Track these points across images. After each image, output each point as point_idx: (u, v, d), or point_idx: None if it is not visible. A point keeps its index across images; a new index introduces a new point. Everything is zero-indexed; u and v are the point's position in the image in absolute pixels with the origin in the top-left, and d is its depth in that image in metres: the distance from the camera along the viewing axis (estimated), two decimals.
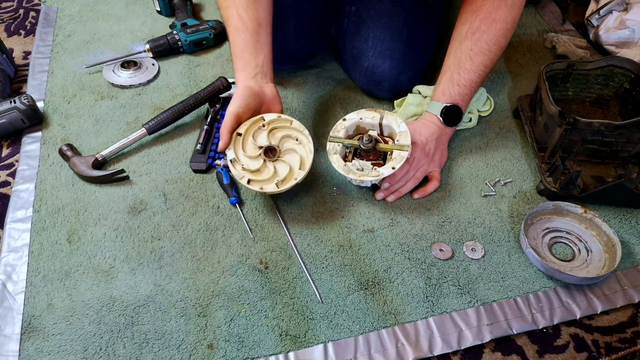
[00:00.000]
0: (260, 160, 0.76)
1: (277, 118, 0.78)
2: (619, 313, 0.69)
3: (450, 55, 0.83)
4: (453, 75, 0.81)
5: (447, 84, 0.81)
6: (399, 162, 0.74)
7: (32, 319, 0.67)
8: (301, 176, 0.74)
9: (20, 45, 1.17)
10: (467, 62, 0.80)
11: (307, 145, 0.77)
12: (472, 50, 0.80)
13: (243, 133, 0.77)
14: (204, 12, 1.26)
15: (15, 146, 0.92)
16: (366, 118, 0.79)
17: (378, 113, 0.78)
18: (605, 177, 0.81)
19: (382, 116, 0.78)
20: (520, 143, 0.92)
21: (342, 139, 0.78)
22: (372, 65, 0.92)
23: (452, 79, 0.81)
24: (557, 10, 1.24)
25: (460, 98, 0.82)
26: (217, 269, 0.72)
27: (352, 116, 0.80)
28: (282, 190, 0.74)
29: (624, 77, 0.89)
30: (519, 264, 0.73)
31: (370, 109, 0.80)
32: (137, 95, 1.01)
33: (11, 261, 0.73)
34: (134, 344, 0.64)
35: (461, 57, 0.80)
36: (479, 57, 0.80)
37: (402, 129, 0.76)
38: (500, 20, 0.78)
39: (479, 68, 0.80)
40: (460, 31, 0.81)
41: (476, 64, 0.80)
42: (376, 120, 0.78)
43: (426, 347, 0.65)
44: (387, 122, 0.78)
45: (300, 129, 0.78)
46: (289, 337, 0.65)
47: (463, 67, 0.80)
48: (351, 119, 0.79)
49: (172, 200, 0.82)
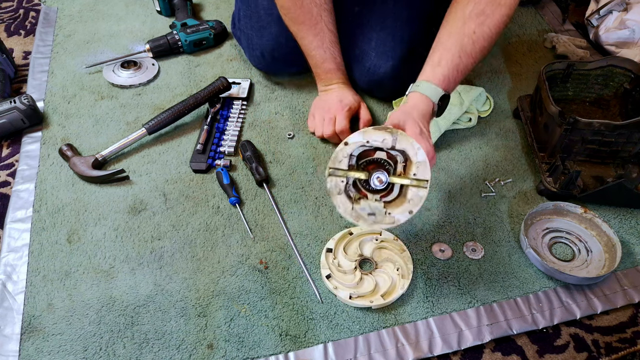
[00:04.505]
0: (356, 274, 0.71)
1: (363, 231, 0.76)
2: (619, 313, 0.69)
3: (452, 36, 0.73)
4: (455, 59, 0.72)
5: (450, 68, 0.71)
6: (417, 205, 0.61)
7: (32, 319, 0.67)
8: (406, 285, 0.69)
9: (20, 45, 1.17)
10: (469, 46, 0.72)
11: (406, 252, 0.73)
12: (475, 33, 0.72)
13: (333, 248, 0.74)
14: (204, 12, 1.26)
15: (15, 146, 0.92)
16: (374, 141, 0.62)
17: (390, 134, 0.62)
18: (605, 177, 0.81)
19: (395, 138, 0.62)
20: (520, 143, 0.92)
21: (345, 171, 0.63)
22: (374, 66, 0.92)
23: (455, 64, 0.72)
24: (557, 10, 1.24)
25: (454, 86, 0.74)
26: (217, 269, 0.72)
27: (357, 138, 0.63)
28: (388, 302, 0.68)
29: (623, 77, 0.89)
30: (519, 264, 0.73)
31: (380, 128, 0.62)
32: (137, 95, 1.01)
33: (11, 261, 0.73)
34: (134, 344, 0.64)
35: (464, 40, 0.72)
36: (481, 42, 0.73)
37: (420, 158, 0.61)
38: (505, 5, 0.73)
39: (478, 55, 0.74)
40: (463, 11, 0.73)
41: (477, 49, 0.73)
42: (387, 144, 0.62)
43: (426, 347, 0.65)
44: (401, 147, 0.62)
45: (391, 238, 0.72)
46: (289, 337, 0.65)
47: (465, 52, 0.72)
48: (355, 142, 0.63)
49: (172, 200, 0.82)
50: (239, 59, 1.10)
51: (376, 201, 0.63)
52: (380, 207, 0.62)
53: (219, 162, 0.87)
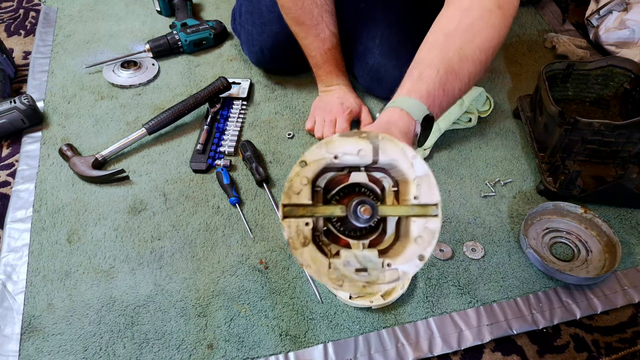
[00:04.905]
0: None
1: None
2: (619, 313, 0.69)
3: (434, 49, 0.59)
4: (440, 74, 0.56)
5: (434, 85, 0.56)
6: (429, 244, 0.43)
7: (32, 319, 0.67)
8: (406, 285, 0.68)
9: (20, 45, 1.17)
10: (456, 63, 0.58)
11: None
12: (461, 50, 0.58)
13: None
14: (204, 12, 1.26)
15: (15, 146, 0.92)
16: (346, 155, 0.42)
17: (366, 141, 0.42)
18: (605, 177, 0.81)
19: (375, 146, 0.42)
20: (520, 143, 0.92)
21: (310, 208, 0.42)
22: (377, 64, 0.92)
23: (440, 81, 0.56)
24: (557, 10, 1.24)
25: (439, 110, 0.58)
26: (217, 269, 0.72)
27: (319, 154, 0.43)
28: (388, 302, 0.66)
29: (623, 77, 0.89)
30: (519, 264, 0.73)
31: (350, 134, 0.43)
32: (137, 95, 1.01)
33: (11, 261, 0.73)
34: (134, 344, 0.64)
35: (448, 54, 0.58)
36: (468, 63, 0.58)
37: (419, 171, 0.43)
38: (495, 28, 0.61)
39: (465, 78, 0.58)
40: (448, 25, 0.61)
41: (464, 70, 0.58)
42: (366, 157, 0.43)
43: (426, 347, 0.65)
44: (387, 159, 0.43)
45: None
46: (289, 337, 0.65)
47: (451, 69, 0.57)
48: (317, 160, 0.42)
49: (172, 200, 0.82)
50: (239, 59, 1.10)
51: (365, 249, 0.43)
52: (373, 256, 0.43)
53: (219, 162, 0.87)
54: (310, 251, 0.42)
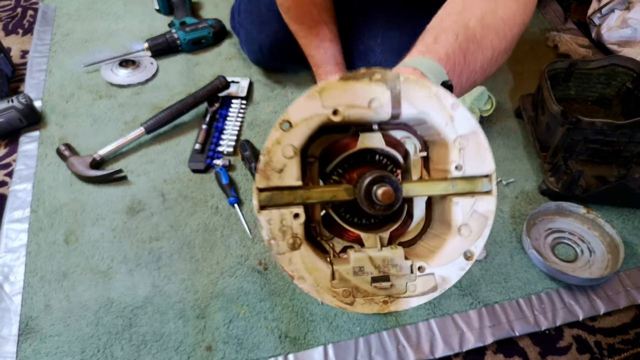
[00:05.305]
0: None
1: None
2: (622, 314, 0.69)
3: (451, 16, 0.51)
4: (459, 39, 0.47)
5: (453, 49, 0.46)
6: (480, 235, 0.31)
7: (29, 320, 0.66)
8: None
9: (18, 44, 1.16)
10: (478, 30, 0.49)
11: None
12: (483, 19, 0.49)
13: None
14: (203, 11, 1.25)
15: (12, 146, 0.92)
16: (352, 109, 0.30)
17: (383, 86, 0.30)
18: (607, 177, 0.81)
19: (395, 95, 0.30)
20: (522, 143, 0.91)
21: (300, 191, 0.30)
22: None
23: (459, 45, 0.47)
24: (559, 9, 1.24)
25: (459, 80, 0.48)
26: (216, 270, 0.72)
27: (309, 108, 0.31)
28: None
29: (626, 76, 0.88)
30: (521, 265, 0.73)
31: (357, 76, 0.31)
32: (136, 94, 1.00)
33: (8, 262, 0.72)
34: (132, 345, 0.64)
35: (469, 22, 0.49)
36: (491, 34, 0.49)
37: (463, 127, 0.31)
38: (519, 3, 0.54)
39: (488, 51, 0.49)
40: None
41: (487, 41, 0.49)
42: (383, 111, 0.30)
43: (427, 349, 0.64)
44: (413, 112, 0.30)
45: None
46: (288, 339, 0.65)
47: (472, 37, 0.48)
48: (307, 119, 0.31)
49: (171, 200, 0.81)
50: (238, 58, 1.09)
51: (385, 248, 0.31)
52: (397, 257, 0.30)
53: (218, 162, 0.86)
54: (302, 256, 0.29)
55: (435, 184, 0.30)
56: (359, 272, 0.30)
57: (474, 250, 0.31)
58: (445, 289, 0.31)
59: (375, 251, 0.31)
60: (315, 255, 0.30)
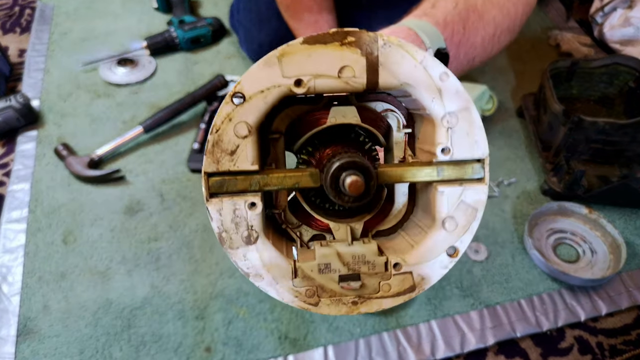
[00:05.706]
0: None
1: None
2: (624, 315, 0.68)
3: None
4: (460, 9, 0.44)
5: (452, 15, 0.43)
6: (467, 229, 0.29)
7: (27, 321, 0.66)
8: None
9: (15, 43, 1.16)
10: (480, 3, 0.46)
11: None
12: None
13: None
14: (201, 9, 1.24)
15: (10, 145, 0.91)
16: (319, 79, 0.26)
17: (356, 51, 0.25)
18: (610, 177, 0.80)
19: (371, 61, 0.25)
20: (524, 142, 0.91)
21: (259, 181, 0.27)
22: None
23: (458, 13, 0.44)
24: (561, 8, 1.23)
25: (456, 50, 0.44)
26: (215, 270, 0.71)
27: (267, 78, 0.26)
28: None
29: (628, 75, 0.88)
30: (523, 265, 0.72)
31: (328, 36, 0.25)
32: (134, 93, 1.00)
33: (6, 262, 0.72)
34: (130, 346, 0.63)
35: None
36: (494, 8, 0.46)
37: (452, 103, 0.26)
38: None
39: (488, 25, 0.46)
40: None
41: (488, 15, 0.46)
42: (357, 81, 0.25)
43: (428, 350, 0.64)
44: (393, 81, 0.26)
45: None
46: (288, 340, 0.64)
47: (474, 9, 0.45)
48: (263, 91, 0.26)
49: (169, 200, 0.80)
50: (237, 56, 1.08)
51: (357, 242, 0.28)
52: (369, 253, 0.27)
53: None
54: (260, 251, 0.27)
55: (418, 170, 0.26)
56: (325, 269, 0.27)
57: (459, 246, 0.28)
58: (424, 289, 0.28)
59: (345, 246, 0.27)
60: (275, 250, 0.27)
